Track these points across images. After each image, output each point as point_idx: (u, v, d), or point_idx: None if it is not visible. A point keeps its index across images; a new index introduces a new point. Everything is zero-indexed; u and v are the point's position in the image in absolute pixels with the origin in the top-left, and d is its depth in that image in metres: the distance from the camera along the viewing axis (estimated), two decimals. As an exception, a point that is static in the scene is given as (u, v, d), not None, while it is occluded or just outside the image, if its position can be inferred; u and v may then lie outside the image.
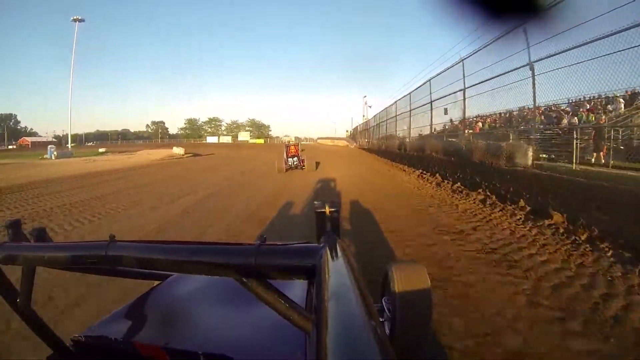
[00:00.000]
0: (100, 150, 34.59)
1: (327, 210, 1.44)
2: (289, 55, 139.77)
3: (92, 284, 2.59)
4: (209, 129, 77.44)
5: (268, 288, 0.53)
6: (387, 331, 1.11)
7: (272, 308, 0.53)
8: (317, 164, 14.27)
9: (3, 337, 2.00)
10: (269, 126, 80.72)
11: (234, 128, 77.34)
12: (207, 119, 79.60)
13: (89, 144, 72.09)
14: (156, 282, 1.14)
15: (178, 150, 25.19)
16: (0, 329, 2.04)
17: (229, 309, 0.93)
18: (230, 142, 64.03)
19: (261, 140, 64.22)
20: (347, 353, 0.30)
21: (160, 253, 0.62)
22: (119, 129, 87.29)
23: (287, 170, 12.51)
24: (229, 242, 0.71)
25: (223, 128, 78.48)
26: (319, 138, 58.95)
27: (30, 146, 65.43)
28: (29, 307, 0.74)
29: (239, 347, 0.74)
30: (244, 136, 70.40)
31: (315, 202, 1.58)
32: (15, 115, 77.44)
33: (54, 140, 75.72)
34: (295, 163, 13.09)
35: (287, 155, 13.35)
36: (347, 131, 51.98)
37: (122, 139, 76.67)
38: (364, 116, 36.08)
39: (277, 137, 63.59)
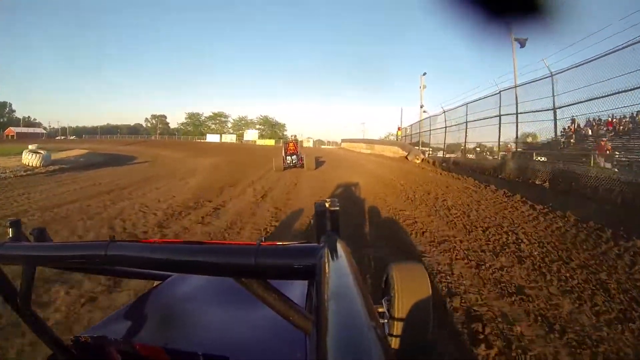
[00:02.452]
0: (30, 147, 22.30)
1: (328, 208, 1.35)
2: (309, 41, 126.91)
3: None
4: (213, 125, 66.44)
5: (268, 288, 0.53)
6: (387, 331, 1.14)
7: (272, 308, 0.53)
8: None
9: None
10: (284, 125, 68.23)
11: (242, 125, 65.90)
12: (211, 114, 67.57)
13: (71, 137, 63.66)
14: (156, 282, 1.15)
15: (28, 159, 12.45)
16: None
17: (228, 309, 0.94)
18: (234, 141, 53.03)
19: (271, 142, 52.22)
20: (347, 353, 0.30)
21: (160, 253, 0.61)
22: (132, 123, 79.62)
23: (285, 168, 11.94)
24: (229, 242, 0.70)
25: (229, 125, 67.31)
26: (343, 140, 39.56)
27: (15, 137, 59.61)
28: (29, 307, 0.74)
29: (238, 348, 0.76)
30: (251, 135, 58.86)
31: (316, 202, 1.50)
32: (10, 104, 69.35)
33: (42, 132, 67.56)
34: (294, 161, 12.67)
35: (285, 153, 12.93)
36: (398, 129, 28.41)
37: (132, 134, 68.13)
38: (421, 106, 22.79)
39: (301, 140, 49.68)
